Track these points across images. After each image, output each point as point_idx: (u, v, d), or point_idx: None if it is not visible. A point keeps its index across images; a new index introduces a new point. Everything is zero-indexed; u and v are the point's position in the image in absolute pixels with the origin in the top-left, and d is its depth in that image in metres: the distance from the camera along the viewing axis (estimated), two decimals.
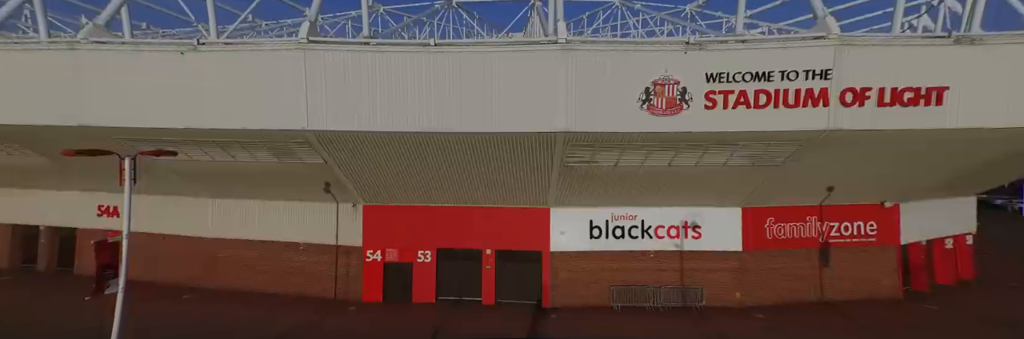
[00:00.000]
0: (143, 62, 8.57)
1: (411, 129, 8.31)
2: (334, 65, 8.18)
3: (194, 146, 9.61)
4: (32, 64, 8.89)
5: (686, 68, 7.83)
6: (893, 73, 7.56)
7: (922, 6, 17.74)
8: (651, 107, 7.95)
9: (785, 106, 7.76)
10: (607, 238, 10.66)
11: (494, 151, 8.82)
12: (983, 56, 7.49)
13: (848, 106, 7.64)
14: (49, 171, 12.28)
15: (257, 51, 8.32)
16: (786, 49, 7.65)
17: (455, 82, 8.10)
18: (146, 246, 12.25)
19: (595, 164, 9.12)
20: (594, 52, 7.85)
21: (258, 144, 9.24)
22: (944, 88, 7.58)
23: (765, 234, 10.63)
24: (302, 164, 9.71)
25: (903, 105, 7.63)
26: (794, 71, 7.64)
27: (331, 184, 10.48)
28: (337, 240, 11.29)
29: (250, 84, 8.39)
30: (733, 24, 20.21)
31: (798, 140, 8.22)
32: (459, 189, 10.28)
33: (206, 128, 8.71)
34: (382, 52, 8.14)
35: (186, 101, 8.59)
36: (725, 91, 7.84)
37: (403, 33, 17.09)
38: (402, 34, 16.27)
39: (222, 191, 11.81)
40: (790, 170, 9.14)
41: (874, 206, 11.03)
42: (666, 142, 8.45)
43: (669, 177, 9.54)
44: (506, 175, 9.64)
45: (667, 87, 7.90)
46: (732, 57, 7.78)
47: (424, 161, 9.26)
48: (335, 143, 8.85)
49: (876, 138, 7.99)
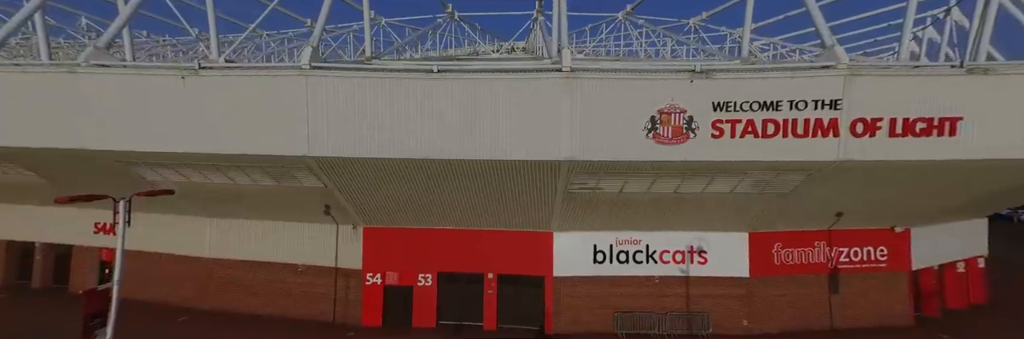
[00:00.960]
0: (143, 86, 8.48)
1: (413, 156, 8.18)
2: (336, 91, 8.08)
3: (192, 169, 9.49)
4: (32, 87, 8.81)
5: (692, 97, 7.70)
6: (905, 103, 7.42)
7: (928, 18, 17.70)
8: (657, 136, 7.81)
9: (794, 136, 7.62)
10: (611, 263, 10.46)
11: (497, 178, 8.67)
12: (997, 86, 7.36)
13: (859, 136, 7.50)
14: (47, 189, 12.16)
15: (258, 76, 8.23)
16: (794, 78, 7.52)
17: (458, 108, 7.99)
18: (141, 265, 12.10)
19: (599, 190, 8.96)
20: (598, 80, 7.74)
21: (257, 168, 9.12)
22: (957, 118, 7.43)
23: (772, 260, 10.41)
24: (301, 187, 9.57)
25: (915, 135, 7.48)
26: (803, 101, 7.51)
27: (331, 206, 10.33)
28: (336, 262, 11.10)
29: (251, 109, 8.28)
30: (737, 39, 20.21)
31: (807, 170, 8.06)
32: (461, 213, 10.11)
33: (205, 153, 8.60)
34: (384, 78, 8.04)
35: (186, 125, 8.49)
36: (732, 120, 7.70)
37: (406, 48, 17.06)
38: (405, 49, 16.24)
39: (220, 211, 11.66)
40: (799, 197, 8.97)
41: (884, 231, 10.82)
42: (672, 170, 8.30)
43: (675, 203, 9.36)
44: (509, 200, 9.48)
45: (673, 116, 7.77)
46: (739, 86, 7.66)
47: (425, 186, 9.12)
48: (336, 168, 8.71)
49: (888, 168, 7.83)
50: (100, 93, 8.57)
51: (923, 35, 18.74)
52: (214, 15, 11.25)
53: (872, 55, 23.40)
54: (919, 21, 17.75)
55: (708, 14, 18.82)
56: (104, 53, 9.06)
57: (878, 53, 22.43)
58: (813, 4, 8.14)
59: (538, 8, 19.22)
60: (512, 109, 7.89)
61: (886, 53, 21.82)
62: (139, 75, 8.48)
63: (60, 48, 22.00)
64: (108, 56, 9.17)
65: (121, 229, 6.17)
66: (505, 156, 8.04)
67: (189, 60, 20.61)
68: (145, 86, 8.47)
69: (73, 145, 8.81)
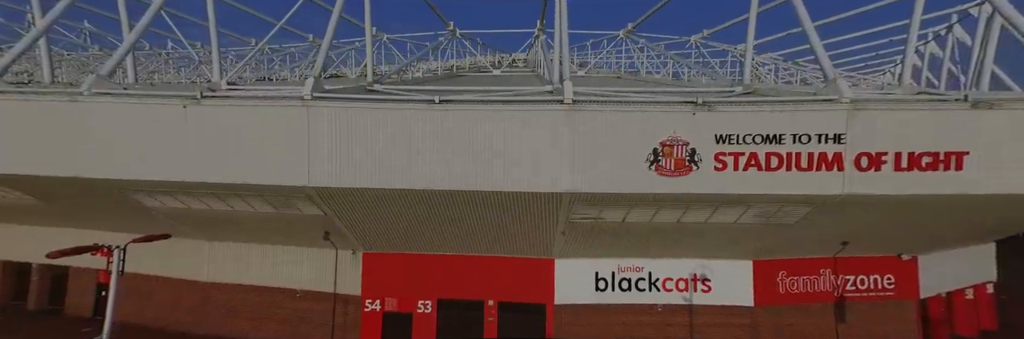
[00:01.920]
0: (145, 114, 8.48)
1: (413, 186, 8.11)
2: (337, 121, 8.05)
3: (191, 196, 9.43)
4: (33, 114, 8.82)
5: (695, 129, 7.65)
6: (909, 137, 7.34)
7: (929, 34, 17.73)
8: (659, 168, 7.74)
9: (798, 169, 7.53)
10: (613, 290, 10.31)
11: (497, 208, 8.59)
12: (1003, 120, 7.28)
13: (863, 171, 7.41)
14: (45, 210, 12.12)
15: (259, 106, 8.22)
16: (797, 112, 7.47)
17: (458, 139, 7.95)
18: (138, 288, 11.97)
19: (601, 220, 8.86)
20: (600, 112, 7.70)
21: (256, 196, 9.06)
22: (964, 153, 7.34)
23: (777, 288, 10.25)
24: (301, 215, 9.49)
25: (921, 170, 7.39)
26: (806, 134, 7.44)
27: (330, 233, 10.24)
28: (335, 288, 10.97)
29: (252, 138, 8.25)
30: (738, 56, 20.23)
31: (812, 203, 7.96)
32: (461, 240, 10.01)
33: (206, 182, 8.55)
34: (385, 109, 8.03)
35: (186, 154, 8.45)
36: (735, 153, 7.63)
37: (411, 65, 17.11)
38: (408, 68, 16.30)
39: (219, 235, 11.58)
40: (803, 227, 8.85)
41: (891, 258, 10.66)
42: (675, 202, 8.21)
43: (677, 231, 9.25)
44: (510, 229, 9.38)
45: (675, 148, 7.71)
46: (741, 119, 7.61)
47: (426, 215, 9.03)
48: (336, 198, 8.65)
49: (894, 202, 7.72)
50: (101, 121, 8.56)
51: (925, 49, 18.78)
52: (217, 40, 11.36)
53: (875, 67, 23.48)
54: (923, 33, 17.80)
55: (709, 32, 18.90)
56: (106, 81, 9.09)
57: (881, 65, 22.49)
58: (815, 38, 8.15)
59: (540, 26, 19.36)
60: (513, 140, 7.84)
61: (889, 65, 21.84)
62: (141, 104, 8.48)
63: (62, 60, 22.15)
64: (110, 83, 9.20)
65: (114, 279, 6.08)
66: (506, 187, 7.97)
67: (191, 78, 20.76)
68: (146, 114, 8.46)
69: (72, 173, 8.77)
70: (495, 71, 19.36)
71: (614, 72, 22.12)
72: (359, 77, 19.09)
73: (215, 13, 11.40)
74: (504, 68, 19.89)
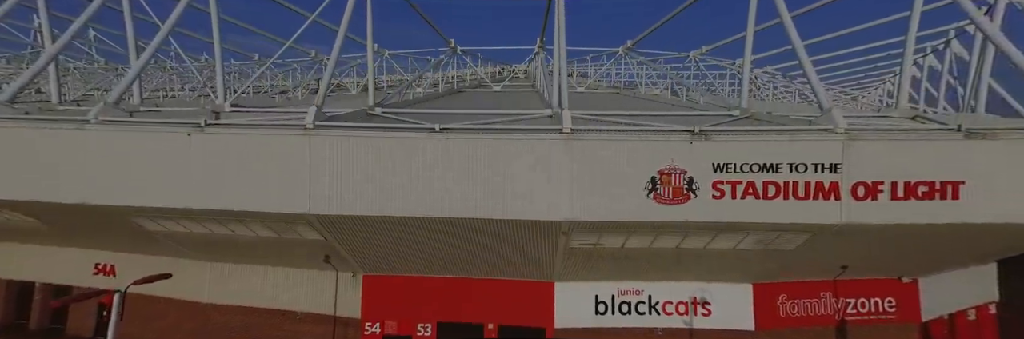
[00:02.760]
0: (150, 142, 8.62)
1: (414, 214, 8.19)
2: (338, 149, 8.17)
3: (193, 221, 9.51)
4: (40, 141, 8.96)
5: (692, 158, 7.73)
6: (905, 167, 7.41)
7: (928, 48, 17.89)
8: (657, 196, 7.80)
9: (795, 198, 7.59)
10: (613, 314, 10.29)
11: (497, 234, 8.64)
12: (997, 150, 7.36)
13: (860, 200, 7.46)
14: (47, 232, 12.20)
15: (262, 135, 8.35)
16: (793, 142, 7.56)
17: (459, 167, 8.04)
18: (139, 308, 11.97)
19: (600, 246, 8.90)
20: (599, 141, 7.80)
21: (258, 222, 9.13)
22: (959, 182, 7.40)
23: (778, 311, 10.22)
24: (302, 240, 9.56)
25: (918, 199, 7.44)
26: (803, 164, 7.52)
27: (331, 256, 10.29)
28: (335, 310, 10.97)
29: (254, 166, 8.36)
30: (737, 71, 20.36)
31: (810, 231, 7.99)
32: (461, 263, 10.05)
33: (208, 209, 8.63)
34: (386, 138, 8.14)
35: (189, 181, 8.55)
36: (733, 181, 7.70)
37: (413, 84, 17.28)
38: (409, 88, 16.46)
39: (220, 256, 11.64)
40: (803, 253, 8.87)
41: (892, 281, 10.65)
42: (674, 229, 8.25)
43: (677, 257, 9.28)
44: (510, 254, 9.42)
45: (673, 176, 7.78)
46: (738, 148, 7.69)
47: (426, 241, 9.09)
48: (336, 224, 8.72)
49: (892, 230, 7.75)
50: (107, 149, 8.69)
51: (924, 62, 18.93)
52: (221, 63, 11.55)
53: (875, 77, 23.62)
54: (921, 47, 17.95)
55: (707, 48, 19.10)
56: (113, 108, 9.25)
57: (881, 75, 22.64)
58: (810, 68, 8.27)
59: (540, 43, 19.60)
60: (512, 168, 7.93)
61: (889, 74, 21.97)
62: (146, 133, 8.61)
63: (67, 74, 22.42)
64: (117, 110, 9.35)
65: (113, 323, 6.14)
66: (505, 215, 8.03)
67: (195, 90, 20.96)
68: (151, 142, 8.60)
69: (78, 200, 8.86)
70: (496, 87, 19.55)
71: (613, 87, 22.30)
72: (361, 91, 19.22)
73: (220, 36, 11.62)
74: (505, 83, 20.03)
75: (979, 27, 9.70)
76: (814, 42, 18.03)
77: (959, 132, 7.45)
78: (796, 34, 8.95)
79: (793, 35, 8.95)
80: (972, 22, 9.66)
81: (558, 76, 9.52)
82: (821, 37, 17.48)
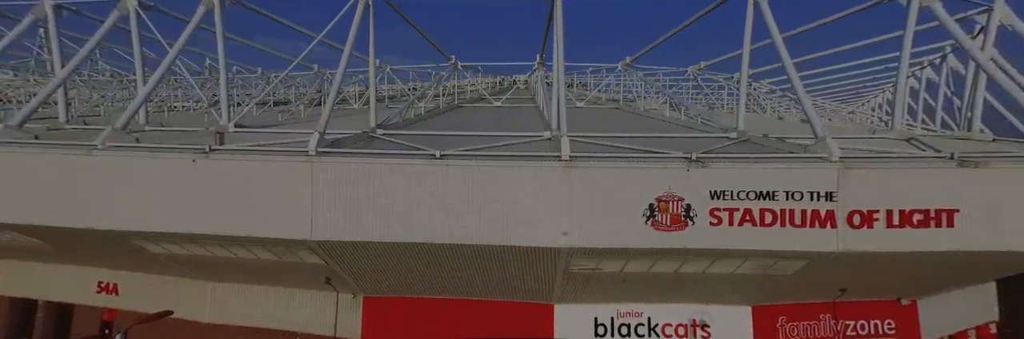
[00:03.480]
0: (155, 168, 8.76)
1: (414, 240, 8.27)
2: (340, 175, 8.29)
3: (195, 244, 9.61)
4: (47, 166, 9.10)
5: (689, 185, 7.83)
6: (899, 195, 7.50)
7: (924, 61, 18.08)
8: (655, 223, 7.88)
9: (792, 225, 7.67)
10: (613, 336, 10.30)
11: (497, 260, 8.72)
12: (989, 179, 7.45)
13: (856, 228, 7.53)
14: (49, 250, 12.30)
15: (265, 161, 8.48)
16: (789, 170, 7.67)
17: (459, 193, 8.15)
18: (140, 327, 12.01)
19: (599, 270, 8.96)
20: (597, 169, 7.92)
21: (259, 246, 9.23)
22: (954, 210, 7.48)
23: (778, 334, 10.22)
24: (303, 263, 9.64)
25: (913, 227, 7.51)
26: (798, 192, 7.61)
27: (331, 278, 10.35)
28: (335, 331, 10.98)
29: (256, 192, 8.48)
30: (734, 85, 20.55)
31: (808, 257, 8.06)
32: (461, 286, 10.11)
33: (209, 234, 8.73)
34: (387, 164, 8.27)
35: (193, 206, 8.67)
36: (730, 208, 7.79)
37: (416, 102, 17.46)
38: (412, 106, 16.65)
39: (221, 276, 11.70)
40: (800, 277, 8.92)
41: (891, 303, 10.66)
42: (672, 255, 8.32)
43: (676, 281, 9.33)
44: (509, 277, 9.49)
45: (671, 203, 7.87)
46: (735, 175, 7.80)
47: (427, 264, 9.17)
48: (337, 250, 8.80)
49: (889, 257, 7.81)
50: (113, 174, 8.84)
51: (922, 74, 19.10)
52: (226, 85, 11.75)
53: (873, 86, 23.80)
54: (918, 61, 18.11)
55: (706, 64, 19.34)
56: (120, 133, 9.41)
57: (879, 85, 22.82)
58: (804, 95, 8.42)
59: (539, 60, 19.84)
60: (511, 195, 8.04)
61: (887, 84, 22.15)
62: (152, 158, 8.76)
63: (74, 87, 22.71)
64: (123, 135, 9.52)
65: None
66: (504, 241, 8.11)
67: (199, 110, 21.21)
68: (156, 168, 8.74)
69: (83, 225, 8.97)
70: (496, 102, 19.75)
71: (613, 100, 22.48)
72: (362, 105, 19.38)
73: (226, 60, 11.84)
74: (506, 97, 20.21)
75: (969, 53, 9.87)
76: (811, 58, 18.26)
77: (952, 160, 7.56)
78: (792, 65, 9.13)
79: (789, 65, 9.13)
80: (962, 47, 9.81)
81: (557, 101, 9.67)
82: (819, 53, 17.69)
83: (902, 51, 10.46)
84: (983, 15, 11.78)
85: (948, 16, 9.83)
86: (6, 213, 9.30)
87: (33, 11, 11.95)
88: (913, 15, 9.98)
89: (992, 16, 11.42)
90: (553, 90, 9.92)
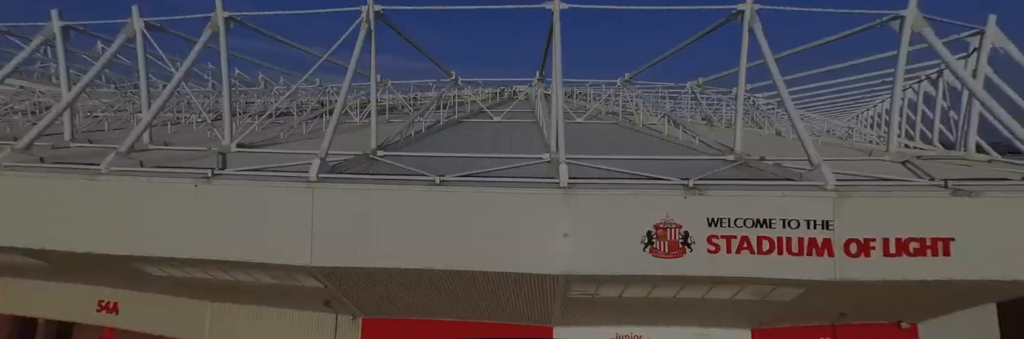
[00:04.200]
0: (157, 193, 8.84)
1: (415, 266, 8.31)
2: (341, 202, 8.37)
3: (195, 268, 9.65)
4: (51, 190, 9.20)
5: (687, 213, 7.89)
6: (895, 224, 7.54)
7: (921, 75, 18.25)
8: (653, 250, 7.92)
9: (789, 254, 7.70)
10: None
11: (495, 285, 8.75)
12: (983, 209, 7.51)
13: (853, 257, 7.57)
14: (51, 270, 12.33)
15: (267, 188, 8.57)
16: (785, 198, 7.73)
17: (458, 219, 8.21)
18: None
19: (598, 295, 8.98)
20: (595, 196, 7.99)
21: (259, 270, 9.26)
22: (949, 239, 7.52)
23: None
24: (302, 286, 9.67)
25: (910, 255, 7.54)
26: (795, 220, 7.66)
27: (331, 300, 10.37)
28: None
29: (257, 218, 8.54)
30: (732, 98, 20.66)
31: (806, 285, 8.08)
32: (461, 309, 10.12)
33: (210, 259, 8.78)
34: (387, 191, 8.35)
35: (194, 231, 8.73)
36: (727, 236, 7.83)
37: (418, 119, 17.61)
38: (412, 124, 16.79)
39: (220, 297, 11.72)
40: (799, 303, 8.92)
41: (891, 326, 10.63)
42: (671, 281, 8.35)
43: (675, 305, 9.34)
44: (508, 302, 9.51)
45: (669, 230, 7.92)
46: (732, 203, 7.86)
47: (425, 289, 9.19)
48: (337, 275, 8.84)
49: (888, 285, 7.83)
50: (116, 198, 8.92)
51: (919, 88, 19.26)
52: (229, 105, 11.90)
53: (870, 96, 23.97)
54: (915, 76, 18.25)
55: (704, 80, 19.53)
56: (123, 157, 9.52)
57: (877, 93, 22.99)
58: (799, 122, 8.52)
59: (539, 77, 20.06)
60: (509, 221, 8.10)
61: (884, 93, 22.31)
62: (155, 184, 8.85)
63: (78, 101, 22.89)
64: (127, 159, 9.63)
65: None
66: (503, 268, 8.15)
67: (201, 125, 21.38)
68: (159, 192, 8.82)
69: (85, 249, 9.03)
70: (496, 117, 19.90)
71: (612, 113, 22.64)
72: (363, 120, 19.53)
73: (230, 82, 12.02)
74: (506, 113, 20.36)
75: (958, 76, 10.01)
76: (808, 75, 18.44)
77: (946, 189, 7.62)
78: (788, 96, 9.27)
79: (785, 96, 9.27)
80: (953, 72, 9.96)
81: (556, 124, 9.78)
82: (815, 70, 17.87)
83: (896, 76, 10.62)
84: (976, 37, 11.98)
85: (938, 41, 10.00)
86: (8, 237, 9.37)
87: (42, 32, 12.20)
88: (905, 40, 10.17)
89: (984, 39, 11.61)
90: (552, 111, 10.03)
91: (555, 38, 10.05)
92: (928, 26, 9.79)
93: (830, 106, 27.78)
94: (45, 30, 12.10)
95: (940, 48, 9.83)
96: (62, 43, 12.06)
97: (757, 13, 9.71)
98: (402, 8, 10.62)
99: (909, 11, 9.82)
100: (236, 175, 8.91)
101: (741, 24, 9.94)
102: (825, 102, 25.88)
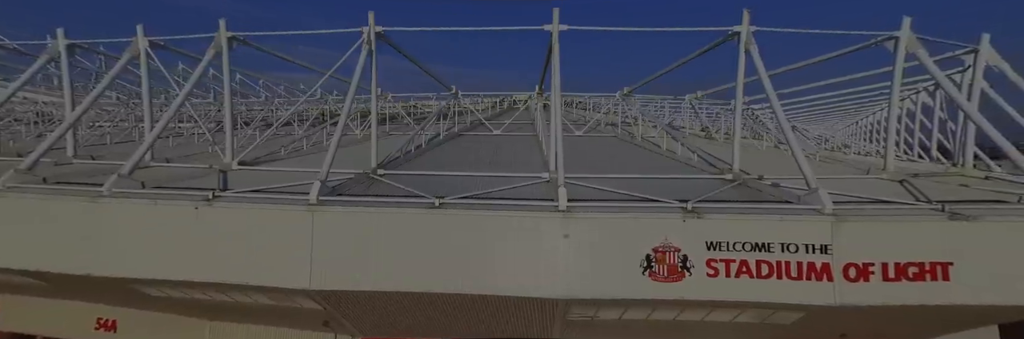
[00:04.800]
0: (158, 215, 8.86)
1: (414, 289, 8.29)
2: (341, 224, 8.39)
3: (193, 289, 9.63)
4: (51, 213, 9.23)
5: (686, 236, 7.90)
6: (893, 248, 7.55)
7: (919, 87, 18.35)
8: (652, 274, 7.91)
9: (788, 278, 7.69)
10: None
11: (495, 307, 8.72)
12: (981, 233, 7.51)
13: (853, 281, 7.55)
14: (49, 289, 12.29)
15: (266, 210, 8.59)
16: (783, 222, 7.75)
17: (457, 242, 8.23)
18: None
19: (598, 318, 8.94)
20: (594, 219, 8.00)
21: (257, 292, 9.24)
22: (948, 263, 7.51)
23: None
24: (301, 308, 9.63)
25: (909, 280, 7.53)
26: (793, 244, 7.67)
27: (329, 321, 10.32)
28: None
29: (257, 240, 8.56)
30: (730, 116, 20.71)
31: (806, 310, 8.05)
32: (460, 330, 10.06)
33: (209, 281, 8.77)
34: (387, 214, 8.37)
35: (192, 254, 8.73)
36: (726, 260, 7.83)
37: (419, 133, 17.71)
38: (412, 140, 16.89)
39: (218, 316, 11.67)
40: (799, 326, 8.88)
41: None
42: (671, 303, 8.32)
43: (675, 328, 9.29)
44: (507, 323, 9.46)
45: (668, 254, 7.92)
46: (730, 227, 7.87)
47: (424, 311, 9.16)
48: (335, 297, 8.82)
49: (886, 310, 7.80)
50: (116, 221, 8.94)
51: (917, 98, 19.37)
52: (231, 123, 11.99)
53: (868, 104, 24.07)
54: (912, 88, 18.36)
55: (703, 93, 19.68)
56: (126, 179, 9.57)
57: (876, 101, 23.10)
58: (796, 145, 8.57)
59: (538, 91, 20.20)
60: (508, 244, 8.11)
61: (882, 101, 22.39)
62: (156, 206, 8.88)
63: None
64: (129, 181, 9.68)
65: None
66: (501, 292, 8.13)
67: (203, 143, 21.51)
68: (160, 215, 8.85)
69: (84, 271, 9.01)
70: (496, 130, 20.02)
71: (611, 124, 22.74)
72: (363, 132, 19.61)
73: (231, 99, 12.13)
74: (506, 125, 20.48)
75: (951, 96, 10.09)
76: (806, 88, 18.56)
77: (943, 213, 7.64)
78: (787, 121, 9.34)
79: (783, 120, 9.34)
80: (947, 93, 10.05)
81: (555, 145, 9.84)
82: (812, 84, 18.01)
83: (891, 94, 10.71)
84: (970, 55, 12.10)
85: (932, 62, 10.12)
86: (6, 258, 9.36)
87: (47, 51, 12.35)
88: (900, 61, 10.28)
89: (978, 57, 11.73)
90: (552, 133, 10.10)
91: (554, 59, 10.16)
92: (922, 47, 9.91)
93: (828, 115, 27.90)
94: (50, 49, 12.25)
95: (934, 70, 9.94)
96: (66, 61, 12.20)
97: (753, 35, 9.84)
98: (403, 29, 10.76)
99: (903, 32, 9.96)
100: (236, 197, 8.95)
101: (737, 45, 10.07)
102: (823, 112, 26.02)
